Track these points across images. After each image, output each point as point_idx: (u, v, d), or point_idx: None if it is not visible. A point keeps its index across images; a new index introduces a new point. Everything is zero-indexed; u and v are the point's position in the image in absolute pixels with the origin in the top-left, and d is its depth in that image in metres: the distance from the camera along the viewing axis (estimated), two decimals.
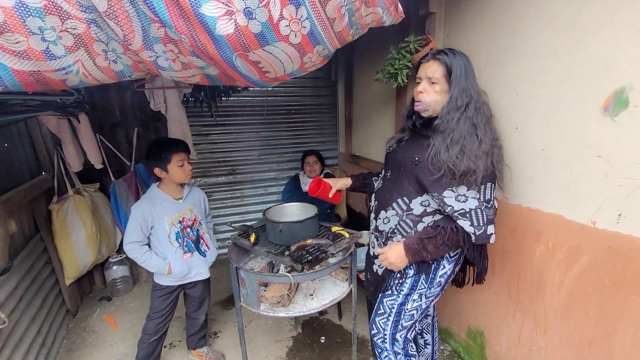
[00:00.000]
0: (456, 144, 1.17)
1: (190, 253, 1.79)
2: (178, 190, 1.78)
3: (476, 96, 1.21)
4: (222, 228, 3.44)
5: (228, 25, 0.86)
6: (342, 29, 1.05)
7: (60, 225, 2.32)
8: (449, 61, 1.21)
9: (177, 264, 1.73)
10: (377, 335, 1.45)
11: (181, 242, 1.75)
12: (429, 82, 1.25)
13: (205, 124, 3.17)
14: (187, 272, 1.77)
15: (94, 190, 2.64)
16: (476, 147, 1.17)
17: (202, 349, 2.04)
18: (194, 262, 1.80)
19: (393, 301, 1.37)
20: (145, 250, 1.69)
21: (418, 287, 1.33)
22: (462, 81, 1.20)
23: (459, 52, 1.24)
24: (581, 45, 1.18)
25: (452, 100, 1.20)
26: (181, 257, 1.75)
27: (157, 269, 1.71)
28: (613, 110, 1.10)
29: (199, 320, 1.97)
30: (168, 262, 1.71)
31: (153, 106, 2.28)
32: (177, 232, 1.74)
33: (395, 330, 1.40)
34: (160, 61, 0.99)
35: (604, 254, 1.17)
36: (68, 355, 2.13)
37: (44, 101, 1.64)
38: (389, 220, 1.35)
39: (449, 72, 1.21)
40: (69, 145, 2.30)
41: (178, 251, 1.74)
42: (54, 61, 0.87)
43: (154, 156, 1.67)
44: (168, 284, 1.77)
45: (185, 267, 1.76)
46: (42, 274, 2.15)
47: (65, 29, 0.83)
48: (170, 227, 1.72)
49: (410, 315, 1.38)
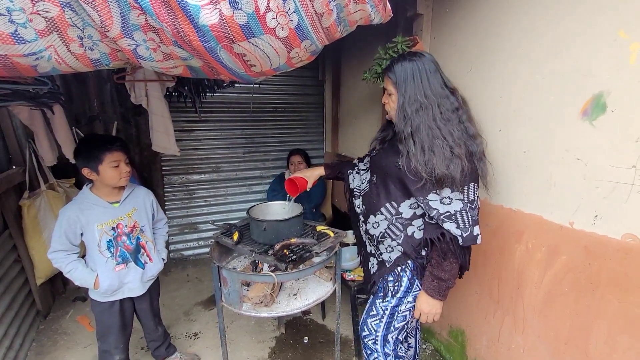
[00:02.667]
0: (422, 150, 1.15)
1: (124, 264, 1.58)
2: (114, 192, 1.58)
3: (431, 98, 1.17)
4: (204, 227, 3.37)
5: (212, 14, 0.82)
6: (330, 25, 1.03)
7: (32, 222, 2.21)
8: (392, 70, 1.24)
9: (106, 277, 1.52)
10: (368, 337, 1.43)
11: (113, 252, 1.55)
12: (386, 93, 1.30)
13: (189, 119, 3.10)
14: (117, 287, 1.57)
15: (69, 186, 2.53)
16: (445, 149, 1.14)
17: (173, 355, 1.93)
18: (128, 275, 1.59)
19: (387, 303, 1.35)
20: (71, 260, 1.49)
21: (413, 290, 1.32)
22: (410, 87, 1.19)
23: (409, 56, 1.23)
24: (561, 51, 1.21)
25: (399, 110, 1.22)
26: (112, 268, 1.54)
27: (81, 282, 1.51)
28: (591, 115, 1.13)
29: (157, 332, 1.84)
30: (95, 275, 1.51)
31: (134, 99, 2.20)
32: (108, 241, 1.54)
33: (387, 331, 1.38)
34: (140, 50, 0.95)
35: (581, 254, 1.20)
36: (37, 358, 2.02)
37: (14, 90, 1.54)
38: (378, 224, 1.34)
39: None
40: (42, 138, 2.19)
41: (109, 262, 1.54)
42: (23, 45, 0.81)
43: (82, 155, 1.47)
44: (101, 299, 1.58)
45: (115, 281, 1.55)
46: (10, 273, 2.04)
47: (37, 11, 0.78)
48: (101, 234, 1.52)
49: (403, 317, 1.37)
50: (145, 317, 1.77)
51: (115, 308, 1.61)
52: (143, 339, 1.98)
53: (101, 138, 1.53)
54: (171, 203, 3.22)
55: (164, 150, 2.35)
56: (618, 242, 1.09)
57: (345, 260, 2.09)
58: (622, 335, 1.11)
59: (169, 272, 3.08)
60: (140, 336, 2.02)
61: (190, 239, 3.37)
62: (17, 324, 1.99)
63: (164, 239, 1.82)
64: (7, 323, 1.89)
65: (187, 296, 2.71)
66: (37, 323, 2.28)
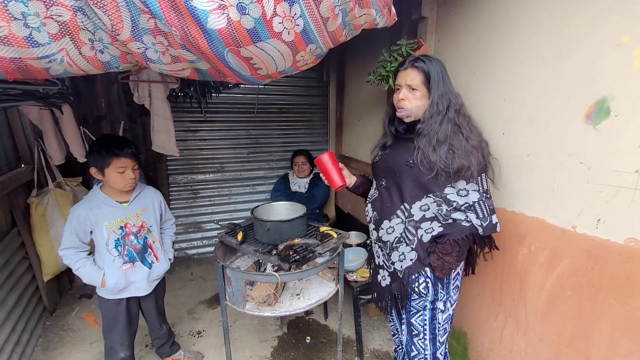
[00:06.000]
0: (443, 144, 1.21)
1: (131, 264, 1.60)
2: (124, 192, 1.60)
3: (454, 99, 1.26)
4: (208, 226, 3.40)
5: (220, 19, 0.84)
6: (335, 29, 1.05)
7: (40, 219, 2.25)
8: (427, 68, 1.24)
9: (113, 276, 1.55)
10: (417, 357, 1.39)
11: (121, 251, 1.57)
12: (409, 89, 1.28)
13: (194, 120, 3.13)
14: (124, 286, 1.59)
15: (76, 185, 2.57)
16: (464, 144, 1.21)
17: (177, 353, 1.96)
18: (135, 274, 1.61)
19: (423, 317, 1.34)
20: (80, 258, 1.52)
21: (439, 298, 1.31)
22: (441, 86, 1.24)
23: (434, 58, 1.28)
24: (565, 55, 1.21)
25: (433, 105, 1.24)
26: (119, 267, 1.57)
27: (88, 280, 1.54)
28: (595, 119, 1.14)
29: (162, 330, 1.87)
30: (102, 273, 1.54)
31: (137, 99, 2.23)
32: (116, 239, 1.56)
33: (435, 348, 1.36)
34: (150, 53, 0.97)
35: (583, 257, 1.20)
36: (44, 354, 2.05)
37: (25, 90, 1.58)
38: (393, 229, 1.33)
39: (428, 79, 1.25)
40: (50, 137, 2.22)
41: (116, 261, 1.56)
42: (37, 48, 0.83)
43: (93, 154, 1.49)
44: (107, 296, 1.60)
45: (122, 280, 1.57)
46: (18, 270, 2.08)
47: (50, 15, 0.81)
48: (109, 233, 1.54)
49: (444, 330, 1.36)
50: (150, 316, 1.80)
51: (121, 306, 1.63)
52: (148, 336, 2.01)
53: (113, 141, 1.53)
54: (176, 202, 3.25)
55: (164, 150, 2.37)
56: (621, 246, 1.09)
57: (348, 261, 2.10)
58: (624, 339, 1.11)
59: (173, 270, 3.10)
60: (145, 334, 2.04)
61: (195, 238, 3.40)
62: (25, 320, 2.03)
63: (171, 239, 1.84)
64: (15, 319, 1.92)
65: (191, 295, 2.74)
66: (43, 319, 2.31)
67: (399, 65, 1.34)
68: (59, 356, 2.05)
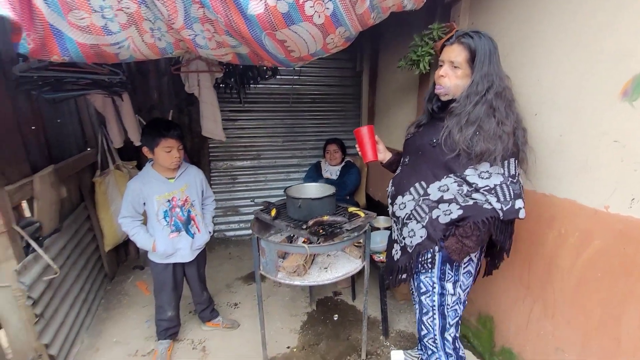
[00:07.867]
0: (471, 125, 1.17)
1: (177, 233, 1.80)
2: (171, 169, 1.79)
3: (498, 81, 1.18)
4: (245, 210, 3.61)
5: (259, 5, 0.96)
6: (363, 12, 1.12)
7: (102, 196, 2.56)
8: (474, 45, 1.18)
9: (162, 242, 1.75)
10: (427, 336, 1.42)
11: (168, 221, 1.78)
12: (451, 66, 1.23)
13: (234, 109, 3.34)
14: (172, 252, 1.79)
15: (132, 167, 2.87)
16: (493, 127, 1.15)
17: (216, 319, 2.18)
18: (180, 242, 1.81)
19: (432, 297, 1.35)
20: (135, 225, 1.74)
21: (446, 278, 1.31)
22: (485, 66, 1.17)
23: (485, 34, 1.20)
24: (603, 32, 1.18)
25: (473, 85, 1.19)
26: (167, 235, 1.77)
27: (141, 245, 1.76)
28: (632, 95, 1.10)
29: (203, 296, 2.08)
30: (153, 240, 1.74)
31: (187, 88, 2.45)
32: (165, 211, 1.77)
33: (443, 328, 1.38)
34: (198, 39, 1.11)
35: (615, 238, 1.18)
36: (105, 312, 2.36)
37: (93, 80, 1.82)
38: (405, 205, 1.35)
39: (473, 57, 1.19)
40: (112, 123, 2.52)
41: (165, 229, 1.77)
42: (110, 36, 1.00)
43: (145, 135, 1.71)
44: (157, 261, 1.82)
45: (170, 246, 1.77)
46: (85, 239, 2.39)
47: (121, 7, 0.97)
48: (159, 205, 1.75)
49: (454, 311, 1.36)
50: (193, 282, 2.01)
51: (168, 270, 1.85)
52: (191, 304, 2.23)
53: (162, 124, 1.72)
54: (216, 187, 3.49)
55: (212, 135, 2.58)
56: None
57: (375, 242, 2.16)
58: None
59: (213, 249, 3.36)
60: (189, 302, 2.27)
61: (233, 220, 3.63)
62: (90, 282, 2.34)
63: (211, 215, 2.03)
64: (83, 280, 2.23)
65: (229, 271, 2.96)
66: (105, 284, 2.64)
67: (445, 40, 1.30)
68: (118, 315, 2.34)
